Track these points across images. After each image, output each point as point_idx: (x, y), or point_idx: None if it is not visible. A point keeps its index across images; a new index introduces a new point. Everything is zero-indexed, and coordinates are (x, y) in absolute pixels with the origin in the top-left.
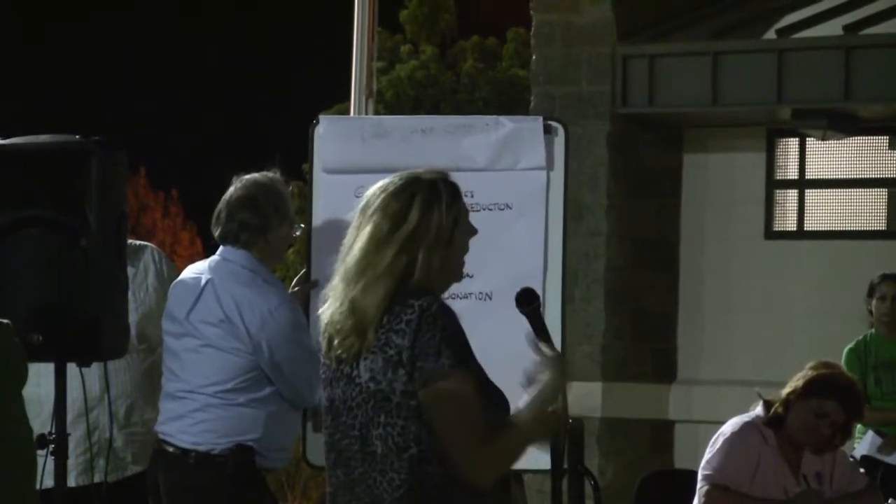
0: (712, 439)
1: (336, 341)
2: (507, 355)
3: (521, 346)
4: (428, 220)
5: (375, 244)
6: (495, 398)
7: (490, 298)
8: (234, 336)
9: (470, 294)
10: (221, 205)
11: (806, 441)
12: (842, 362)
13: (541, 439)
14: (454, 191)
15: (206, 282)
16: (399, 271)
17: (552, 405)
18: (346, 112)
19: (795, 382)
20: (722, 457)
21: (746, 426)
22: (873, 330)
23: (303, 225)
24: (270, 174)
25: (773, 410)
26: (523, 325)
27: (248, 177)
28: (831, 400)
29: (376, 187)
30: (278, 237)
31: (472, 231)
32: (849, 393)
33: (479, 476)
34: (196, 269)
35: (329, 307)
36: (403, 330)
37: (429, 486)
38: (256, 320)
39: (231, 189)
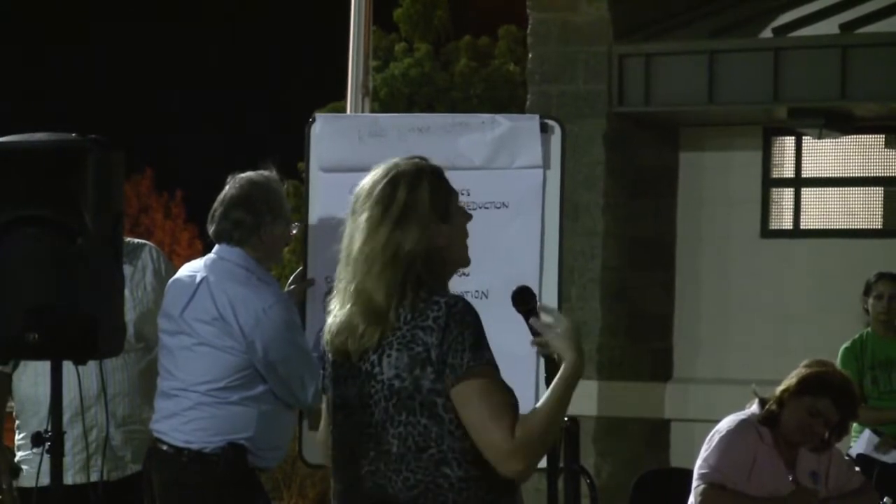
0: (708, 436)
1: (349, 338)
2: (503, 354)
3: (517, 344)
4: (416, 196)
5: (371, 230)
6: (507, 395)
7: (486, 297)
8: (227, 334)
9: (466, 292)
10: (216, 204)
11: (800, 440)
12: (838, 361)
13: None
14: (437, 169)
15: (202, 280)
16: (399, 250)
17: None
18: (342, 111)
19: (789, 381)
20: (718, 455)
21: (742, 424)
22: (870, 329)
23: (298, 223)
24: (265, 172)
25: (767, 408)
26: (520, 323)
27: (242, 175)
28: (825, 398)
29: (361, 184)
30: (272, 235)
31: (467, 215)
32: (842, 391)
33: (517, 466)
34: (191, 268)
35: (336, 307)
36: (431, 327)
37: (445, 487)
38: (250, 319)
39: (226, 188)
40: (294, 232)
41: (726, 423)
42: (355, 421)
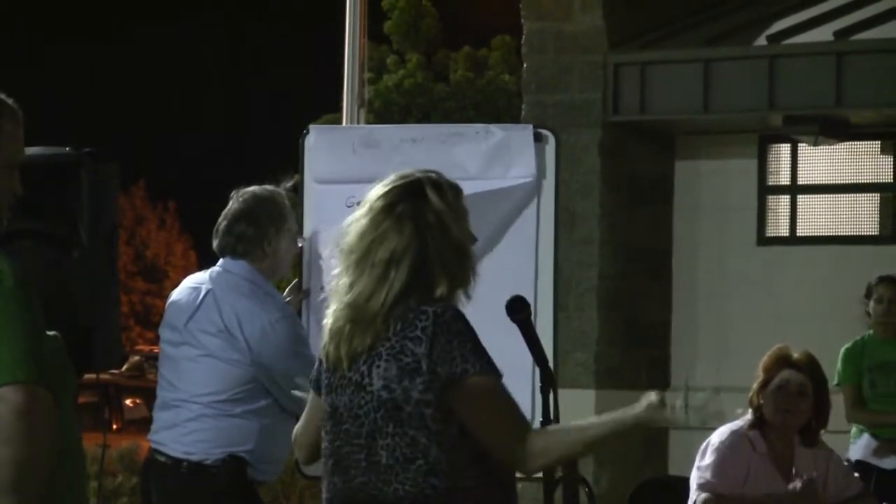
0: (700, 449)
1: (340, 343)
2: (499, 364)
3: (512, 355)
4: (424, 205)
5: (373, 231)
6: (511, 396)
7: (481, 307)
8: (233, 347)
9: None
10: (221, 218)
11: (787, 422)
12: (838, 361)
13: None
14: (452, 185)
15: (207, 292)
16: (399, 255)
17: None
18: (336, 123)
19: (756, 377)
20: (713, 467)
21: (734, 435)
22: (871, 331)
23: (306, 237)
24: (270, 187)
25: (753, 412)
26: (515, 333)
27: (246, 190)
28: (786, 369)
29: (374, 189)
30: (277, 248)
31: (474, 238)
32: (801, 359)
33: (527, 462)
34: (196, 280)
35: (331, 310)
36: (419, 337)
37: (433, 497)
38: (256, 332)
39: (230, 203)
40: (301, 245)
41: (717, 435)
42: (345, 430)
